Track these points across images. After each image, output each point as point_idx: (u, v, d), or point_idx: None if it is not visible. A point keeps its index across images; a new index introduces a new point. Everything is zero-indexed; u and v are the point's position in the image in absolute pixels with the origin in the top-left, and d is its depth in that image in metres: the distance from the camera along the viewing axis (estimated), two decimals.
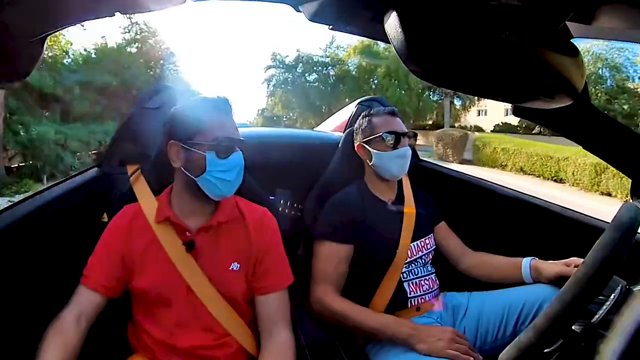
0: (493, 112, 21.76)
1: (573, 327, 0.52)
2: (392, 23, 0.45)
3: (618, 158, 0.70)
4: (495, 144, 12.04)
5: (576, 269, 0.56)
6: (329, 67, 18.65)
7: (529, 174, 10.17)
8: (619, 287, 0.56)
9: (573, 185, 8.83)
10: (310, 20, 0.72)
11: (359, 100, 1.63)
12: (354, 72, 17.88)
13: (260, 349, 0.87)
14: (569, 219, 1.14)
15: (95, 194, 1.11)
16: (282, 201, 1.35)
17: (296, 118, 20.28)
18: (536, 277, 1.03)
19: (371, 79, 17.80)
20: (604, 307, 0.52)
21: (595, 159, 8.37)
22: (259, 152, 1.36)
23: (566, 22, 0.47)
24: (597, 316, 0.52)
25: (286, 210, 1.36)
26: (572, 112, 0.66)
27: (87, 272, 0.86)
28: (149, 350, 0.86)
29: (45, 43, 0.48)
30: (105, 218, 1.02)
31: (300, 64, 18.45)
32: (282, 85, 19.00)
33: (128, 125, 1.17)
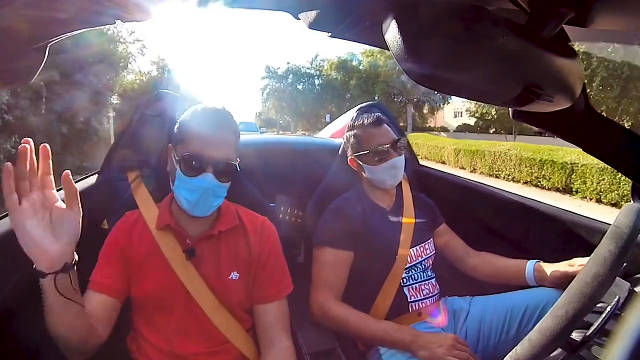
0: (468, 113, 23.85)
1: (572, 336, 0.52)
2: (390, 30, 0.45)
3: (618, 160, 0.70)
4: (409, 140, 16.67)
5: (578, 271, 0.55)
6: (315, 78, 21.97)
7: (428, 160, 13.62)
8: (619, 295, 0.55)
9: (448, 164, 12.31)
10: (309, 28, 0.72)
11: (358, 106, 1.64)
12: (334, 83, 21.02)
13: (261, 357, 0.87)
14: (570, 222, 1.13)
15: (95, 201, 1.11)
16: (282, 208, 1.35)
17: (289, 121, 23.16)
18: (540, 280, 1.02)
19: (348, 88, 20.89)
20: (603, 315, 0.51)
21: (456, 146, 11.98)
22: (260, 159, 1.36)
23: (563, 25, 0.47)
24: (595, 325, 0.51)
25: (287, 217, 1.35)
26: (571, 115, 0.66)
27: (94, 277, 0.84)
28: (148, 357, 0.86)
29: (47, 50, 0.48)
30: (105, 225, 1.01)
31: (291, 75, 21.73)
32: (275, 93, 22.23)
33: (128, 132, 1.17)
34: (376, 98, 18.78)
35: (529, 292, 1.02)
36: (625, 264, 0.51)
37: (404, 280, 1.08)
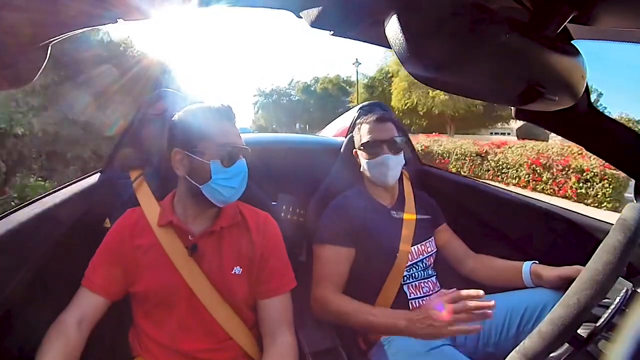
0: None
1: (578, 332, 0.52)
2: (393, 29, 0.45)
3: (620, 159, 0.69)
4: None
5: (579, 272, 0.55)
6: (292, 96, 29.97)
7: None
8: (625, 290, 0.55)
9: None
10: (311, 26, 0.72)
11: (360, 105, 1.64)
12: (302, 101, 28.99)
13: (263, 351, 0.87)
14: (572, 222, 1.13)
15: (97, 200, 1.12)
16: (284, 207, 1.35)
17: (275, 128, 30.26)
18: (537, 282, 1.02)
19: (310, 105, 28.65)
20: (610, 310, 0.51)
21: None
22: (261, 158, 1.36)
23: (566, 24, 0.47)
24: (602, 320, 0.51)
25: (289, 216, 1.35)
26: (574, 114, 0.66)
27: (88, 274, 0.86)
28: (151, 353, 0.86)
29: (49, 49, 0.48)
30: (107, 223, 1.02)
31: (275, 94, 29.79)
32: (264, 108, 30.34)
33: (131, 131, 1.17)
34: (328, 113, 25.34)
35: (529, 292, 1.02)
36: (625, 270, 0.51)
37: (405, 278, 1.08)
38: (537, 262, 1.06)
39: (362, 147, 1.19)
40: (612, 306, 0.51)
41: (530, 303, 0.97)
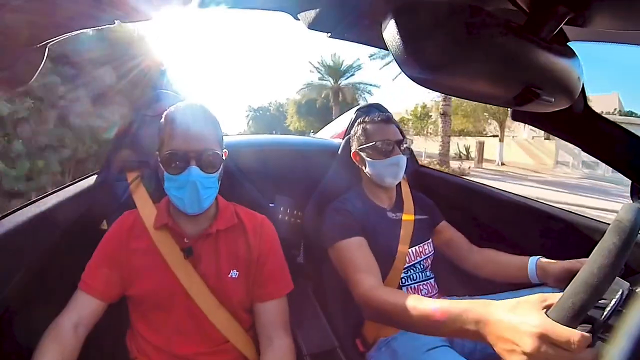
0: None
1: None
2: (389, 30, 0.45)
3: (617, 160, 0.70)
4: None
5: (581, 267, 0.55)
6: (270, 112, 40.85)
7: None
8: (622, 290, 0.55)
9: None
10: (308, 28, 0.72)
11: (357, 107, 1.64)
12: (277, 117, 39.18)
13: (261, 355, 0.87)
14: (571, 223, 1.13)
15: (95, 202, 1.11)
16: (282, 208, 1.34)
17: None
18: (542, 277, 1.00)
19: (282, 122, 36.77)
20: (606, 311, 0.51)
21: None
22: (258, 159, 1.36)
23: (562, 26, 0.48)
24: (600, 320, 0.51)
25: (286, 217, 1.35)
26: (571, 115, 0.66)
27: (85, 277, 0.86)
28: (148, 356, 0.86)
29: (46, 50, 0.48)
30: (105, 225, 1.01)
31: (260, 110, 41.36)
32: (253, 120, 41.70)
33: (128, 133, 1.17)
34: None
35: (528, 292, 1.01)
36: (623, 268, 0.51)
37: (403, 280, 1.08)
38: (542, 257, 1.04)
39: (369, 149, 1.16)
40: (608, 308, 0.51)
41: None
